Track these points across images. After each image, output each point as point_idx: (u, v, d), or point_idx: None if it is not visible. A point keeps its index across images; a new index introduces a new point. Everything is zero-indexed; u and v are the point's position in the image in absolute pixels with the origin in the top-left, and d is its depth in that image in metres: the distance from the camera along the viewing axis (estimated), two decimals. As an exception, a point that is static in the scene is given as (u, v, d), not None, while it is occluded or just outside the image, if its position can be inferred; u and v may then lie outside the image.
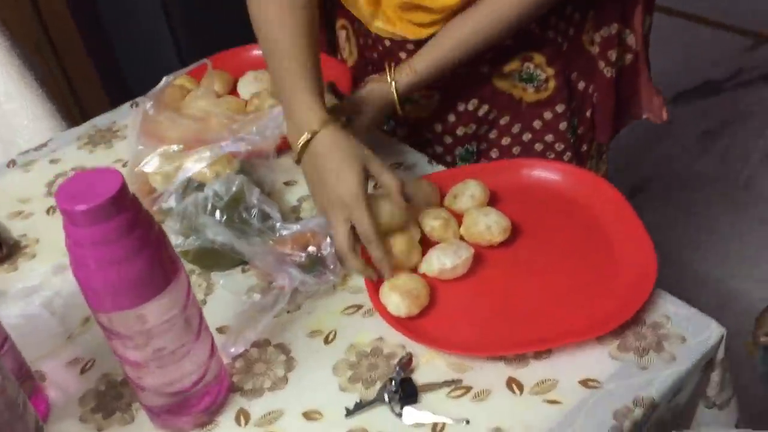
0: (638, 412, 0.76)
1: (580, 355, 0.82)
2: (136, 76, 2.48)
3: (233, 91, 1.31)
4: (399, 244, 0.92)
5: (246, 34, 1.32)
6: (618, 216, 0.94)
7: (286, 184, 1.13)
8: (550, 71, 1.17)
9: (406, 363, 0.83)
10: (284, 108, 1.00)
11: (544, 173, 1.01)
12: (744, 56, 3.03)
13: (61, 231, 0.67)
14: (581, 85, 1.22)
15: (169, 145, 1.07)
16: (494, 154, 1.22)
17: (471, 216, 0.95)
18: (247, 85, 1.27)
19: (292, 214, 1.07)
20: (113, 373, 0.87)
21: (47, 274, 1.01)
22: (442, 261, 0.90)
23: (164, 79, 1.29)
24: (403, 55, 1.16)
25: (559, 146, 1.23)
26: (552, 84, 1.18)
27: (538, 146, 1.24)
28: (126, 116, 1.32)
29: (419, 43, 1.12)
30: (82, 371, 0.88)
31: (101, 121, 1.32)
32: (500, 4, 1.03)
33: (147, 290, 0.71)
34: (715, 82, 2.93)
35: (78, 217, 0.66)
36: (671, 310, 0.85)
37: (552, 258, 0.91)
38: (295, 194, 1.11)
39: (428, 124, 1.22)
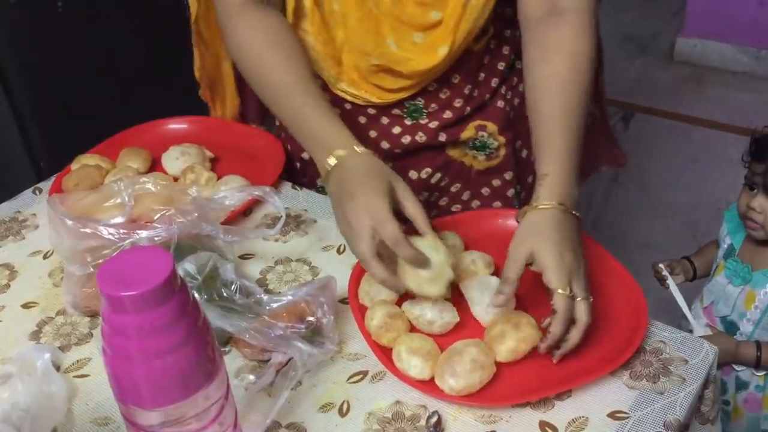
0: (670, 435, 0.79)
1: (599, 389, 0.84)
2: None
3: (155, 167, 1.23)
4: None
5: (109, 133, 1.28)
6: (594, 257, 0.98)
7: (242, 258, 1.07)
8: (502, 139, 1.19)
9: (437, 423, 0.81)
10: (308, 140, 0.98)
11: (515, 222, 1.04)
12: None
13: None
14: (524, 153, 1.26)
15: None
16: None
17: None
18: (174, 161, 1.20)
19: (261, 288, 1.01)
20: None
21: (-11, 387, 0.88)
22: (425, 312, 0.90)
23: (75, 160, 1.21)
24: (362, 119, 1.15)
25: None
26: (503, 152, 1.20)
27: None
28: (30, 204, 1.20)
29: (381, 109, 1.11)
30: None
31: (2, 211, 1.18)
32: (563, 72, 0.98)
33: (191, 384, 0.64)
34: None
35: (124, 303, 0.58)
36: (665, 336, 0.90)
37: (544, 301, 0.94)
38: (255, 266, 1.05)
39: None
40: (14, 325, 0.97)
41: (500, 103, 1.18)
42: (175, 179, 1.19)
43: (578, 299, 0.85)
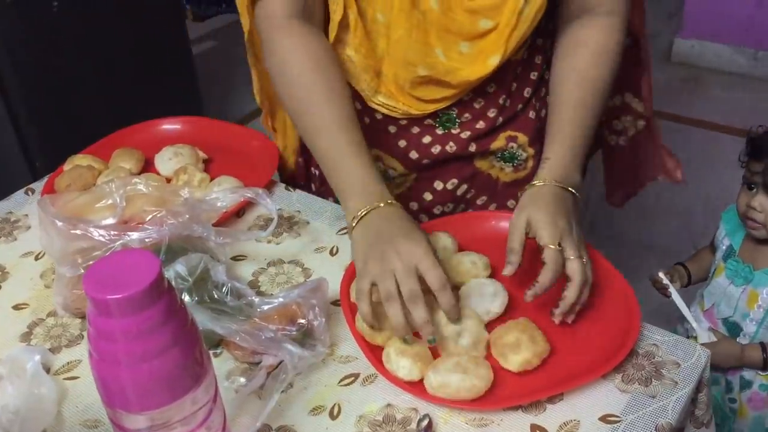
0: (662, 439, 0.79)
1: (591, 393, 0.84)
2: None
3: (147, 167, 1.23)
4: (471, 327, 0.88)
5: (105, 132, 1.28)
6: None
7: (235, 259, 1.06)
8: (531, 151, 1.18)
9: (428, 426, 0.80)
10: (344, 184, 0.95)
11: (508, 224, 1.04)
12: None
13: None
14: None
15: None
16: None
17: (450, 261, 0.95)
18: (166, 161, 1.19)
19: (252, 289, 1.01)
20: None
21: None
22: None
23: (67, 161, 1.20)
24: (392, 129, 1.13)
25: None
26: (530, 164, 1.19)
27: None
28: (22, 205, 1.19)
29: (413, 119, 1.10)
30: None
31: (-6, 211, 1.18)
32: (584, 67, 1.02)
33: (178, 388, 0.63)
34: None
35: (110, 306, 0.58)
36: (657, 339, 0.90)
37: (539, 303, 0.93)
38: (247, 268, 1.05)
39: (404, 201, 1.08)
40: (5, 327, 0.97)
41: (531, 114, 1.16)
42: (168, 180, 1.18)
43: (571, 258, 0.87)
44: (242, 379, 0.86)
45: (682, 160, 3.05)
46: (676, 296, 1.41)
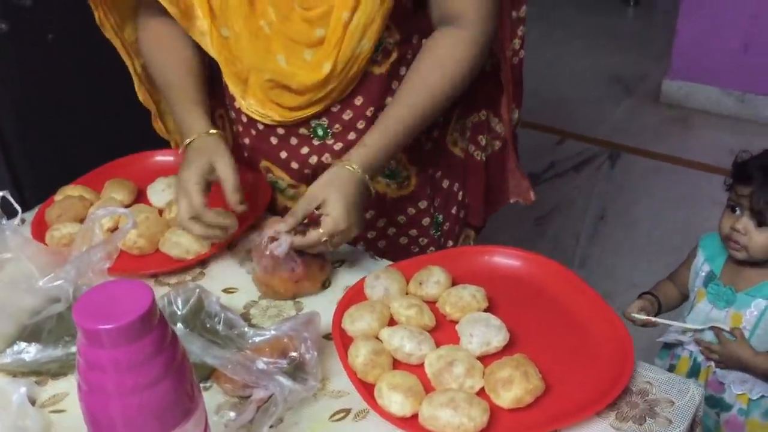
0: (656, 478, 0.78)
1: (585, 430, 0.83)
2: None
3: (140, 198, 1.22)
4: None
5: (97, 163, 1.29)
6: (580, 296, 0.98)
7: (226, 291, 1.06)
8: (412, 169, 1.22)
9: (421, 463, 0.79)
10: (178, 124, 1.18)
11: (503, 259, 1.04)
12: (554, 150, 3.36)
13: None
14: (446, 183, 1.28)
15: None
16: (360, 248, 1.20)
17: (449, 295, 0.96)
18: (159, 193, 1.19)
19: (245, 322, 1.00)
20: None
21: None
22: (404, 344, 0.89)
23: (58, 191, 1.20)
24: (274, 140, 1.18)
25: (423, 240, 1.28)
26: (414, 181, 1.23)
27: (403, 240, 1.28)
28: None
29: (289, 129, 1.15)
30: None
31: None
32: (427, 73, 1.08)
33: (168, 421, 0.62)
34: (533, 174, 3.20)
35: (100, 337, 0.57)
36: (651, 377, 0.89)
37: (532, 339, 0.93)
38: (239, 300, 1.04)
39: None
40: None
41: None
42: (161, 212, 1.18)
43: (324, 239, 0.99)
44: (232, 414, 0.85)
45: (671, 199, 3.07)
46: (661, 320, 1.41)
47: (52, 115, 2.06)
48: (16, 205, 0.96)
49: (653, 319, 1.40)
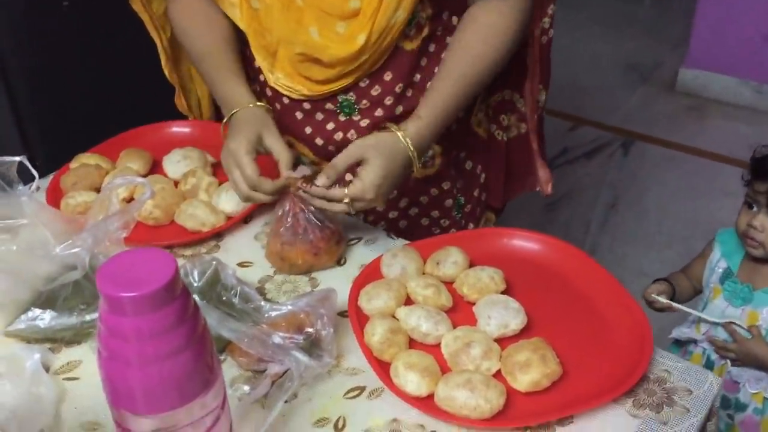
0: (673, 466, 0.77)
1: (602, 416, 0.82)
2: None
3: (155, 169, 1.21)
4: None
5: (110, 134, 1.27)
6: (599, 281, 0.97)
7: (241, 265, 1.05)
8: (437, 149, 1.20)
9: (435, 443, 0.79)
10: (217, 96, 1.14)
11: (521, 242, 1.03)
12: (567, 137, 3.33)
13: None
14: (469, 164, 1.26)
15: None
16: (381, 227, 1.20)
17: (467, 276, 0.95)
18: (175, 164, 1.18)
19: (260, 296, 0.99)
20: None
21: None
22: (420, 323, 0.89)
23: (74, 159, 1.19)
24: (299, 115, 1.16)
25: (445, 222, 1.27)
26: (438, 161, 1.21)
27: (425, 221, 1.27)
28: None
29: (315, 104, 1.13)
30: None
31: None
32: (472, 42, 1.06)
33: (187, 392, 0.62)
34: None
35: (123, 304, 0.57)
36: (669, 365, 0.89)
37: (550, 323, 0.92)
38: (254, 275, 1.03)
39: None
40: (4, 323, 0.95)
41: None
42: (176, 183, 1.17)
43: (346, 200, 0.97)
44: (246, 387, 0.85)
45: (684, 188, 3.05)
46: (682, 306, 1.40)
47: (64, 83, 2.05)
48: (33, 171, 0.95)
49: (674, 305, 1.39)
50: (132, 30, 1.31)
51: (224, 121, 1.10)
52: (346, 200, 0.98)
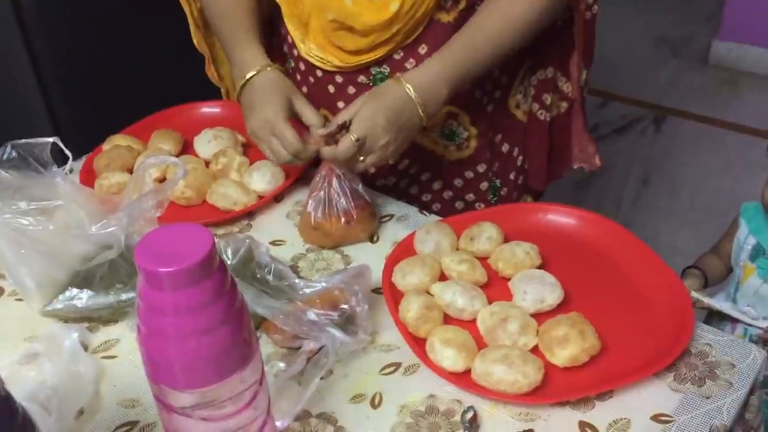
0: (716, 441, 0.76)
1: (642, 391, 0.81)
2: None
3: (186, 150, 1.21)
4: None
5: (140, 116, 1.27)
6: (637, 256, 0.95)
7: (273, 243, 1.05)
8: (473, 131, 1.18)
9: (473, 419, 0.78)
10: (233, 65, 1.13)
11: (556, 217, 1.01)
12: (597, 113, 3.29)
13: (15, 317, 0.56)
14: (505, 147, 1.24)
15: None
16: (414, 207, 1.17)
17: (502, 251, 0.94)
18: (206, 144, 1.18)
19: (294, 274, 0.99)
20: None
21: (14, 366, 0.87)
22: (456, 299, 0.88)
23: (106, 140, 1.19)
24: (332, 88, 1.15)
25: (480, 206, 1.25)
26: (473, 143, 1.19)
27: (459, 204, 1.25)
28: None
29: (348, 77, 1.12)
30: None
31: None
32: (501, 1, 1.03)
33: (226, 367, 0.61)
34: (575, 137, 3.15)
35: (161, 279, 0.56)
36: (710, 338, 0.87)
37: (587, 298, 0.91)
38: (287, 253, 1.03)
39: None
40: (42, 303, 0.96)
41: (477, 94, 1.15)
42: (207, 163, 1.17)
43: (355, 139, 0.96)
44: (281, 364, 0.85)
45: (717, 163, 3.00)
46: (716, 305, 1.37)
47: (94, 66, 2.06)
48: (67, 152, 0.95)
49: (717, 306, 1.36)
50: (161, 6, 1.31)
51: (239, 86, 1.09)
52: (355, 139, 0.97)
